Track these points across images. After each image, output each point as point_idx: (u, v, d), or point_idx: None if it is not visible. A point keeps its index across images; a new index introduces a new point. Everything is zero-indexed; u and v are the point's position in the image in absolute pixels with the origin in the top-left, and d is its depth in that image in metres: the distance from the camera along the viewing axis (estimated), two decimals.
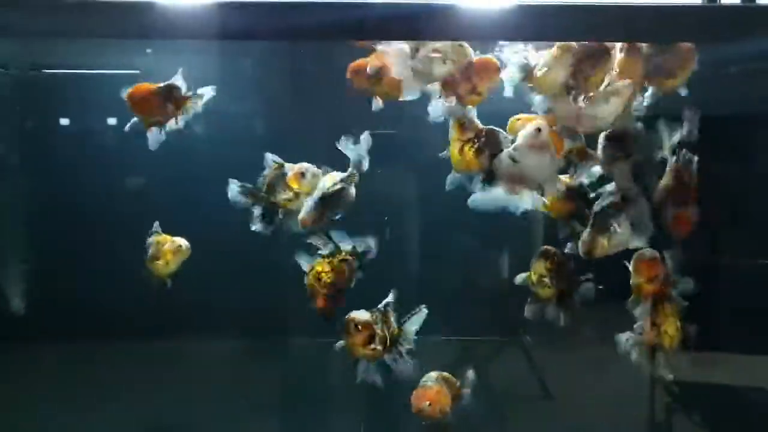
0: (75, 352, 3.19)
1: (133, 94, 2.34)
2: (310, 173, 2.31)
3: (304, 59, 2.88)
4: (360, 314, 2.32)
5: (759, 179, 2.95)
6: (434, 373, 2.50)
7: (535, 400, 3.29)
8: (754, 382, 3.02)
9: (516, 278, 2.59)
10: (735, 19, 1.97)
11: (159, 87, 2.35)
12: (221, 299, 3.02)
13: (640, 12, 1.91)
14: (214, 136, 2.90)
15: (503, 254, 3.22)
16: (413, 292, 2.42)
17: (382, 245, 2.43)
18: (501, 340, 3.31)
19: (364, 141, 2.33)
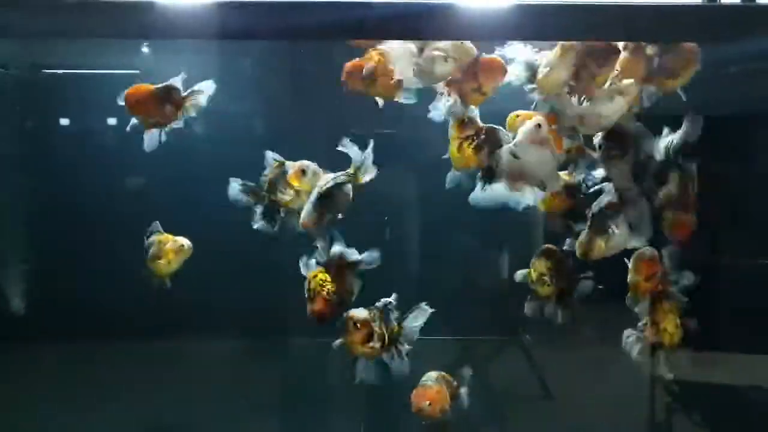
0: (75, 352, 3.19)
1: (130, 96, 2.31)
2: (311, 171, 2.30)
3: (304, 58, 2.88)
4: (358, 312, 2.31)
5: (759, 179, 2.95)
6: (434, 373, 2.50)
7: (535, 400, 3.29)
8: (754, 382, 3.02)
9: (516, 274, 2.59)
10: (735, 18, 1.97)
11: (157, 88, 2.32)
12: (221, 299, 3.02)
13: (640, 11, 1.91)
14: (213, 136, 2.92)
15: (503, 254, 3.22)
16: (413, 292, 2.41)
17: (382, 245, 2.43)
18: (501, 339, 3.32)
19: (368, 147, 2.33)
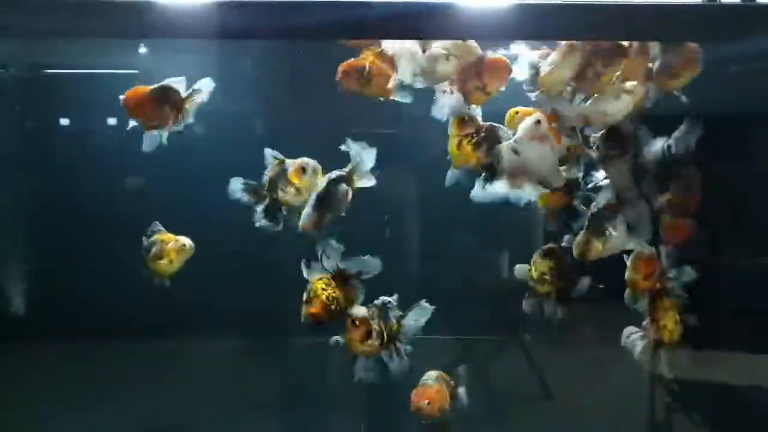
0: (75, 352, 3.19)
1: (129, 100, 2.29)
2: (311, 168, 2.30)
3: (303, 58, 2.88)
4: (357, 310, 2.30)
5: (759, 179, 2.96)
6: (434, 372, 2.51)
7: (535, 400, 3.29)
8: (754, 381, 3.02)
9: (516, 268, 2.57)
10: (735, 18, 1.97)
11: (153, 89, 2.30)
12: (221, 299, 3.02)
13: (640, 11, 1.91)
14: (213, 136, 2.91)
15: (503, 253, 3.22)
16: (413, 292, 2.41)
17: (382, 245, 2.43)
18: (501, 339, 3.32)
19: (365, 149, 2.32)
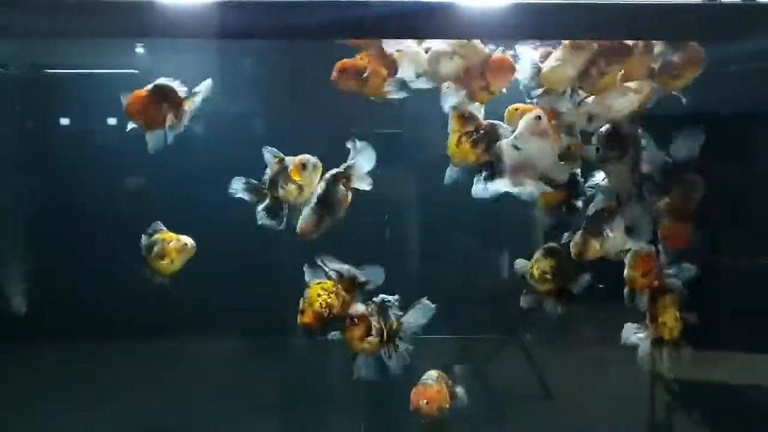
0: (75, 352, 3.19)
1: (131, 106, 2.28)
2: (311, 164, 2.30)
3: (303, 57, 2.88)
4: (356, 307, 2.30)
5: (759, 179, 2.96)
6: (435, 372, 2.50)
7: (535, 400, 3.29)
8: (755, 381, 3.02)
9: (516, 262, 2.55)
10: (735, 17, 1.97)
11: (150, 89, 2.29)
12: (221, 299, 3.02)
13: (641, 10, 1.91)
14: (214, 136, 2.91)
15: (503, 253, 3.21)
16: (413, 292, 2.41)
17: (382, 245, 2.43)
18: (501, 338, 3.31)
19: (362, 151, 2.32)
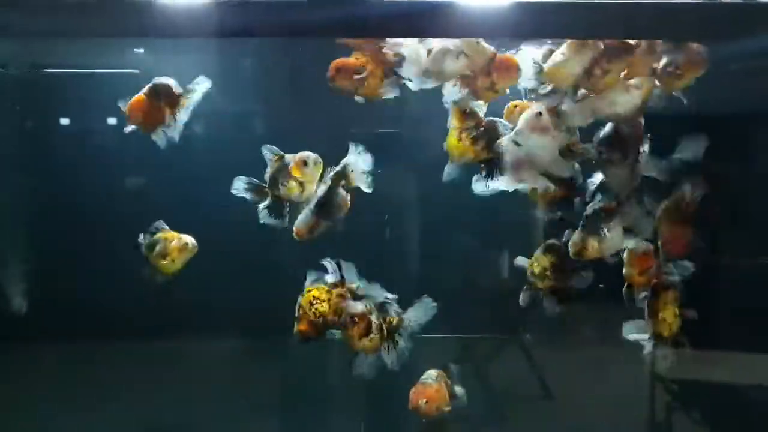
0: (75, 352, 3.18)
1: (133, 111, 2.30)
2: (312, 161, 2.30)
3: (303, 57, 2.88)
4: (355, 305, 2.28)
5: (759, 179, 2.96)
6: (434, 371, 2.50)
7: (535, 400, 3.29)
8: (754, 381, 3.02)
9: (517, 260, 2.56)
10: (735, 16, 1.97)
11: (147, 93, 2.30)
12: (221, 299, 3.02)
13: (641, 9, 1.91)
14: (214, 135, 2.91)
15: (503, 252, 3.21)
16: (413, 291, 2.41)
17: (382, 245, 2.43)
18: (501, 338, 3.31)
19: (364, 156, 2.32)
